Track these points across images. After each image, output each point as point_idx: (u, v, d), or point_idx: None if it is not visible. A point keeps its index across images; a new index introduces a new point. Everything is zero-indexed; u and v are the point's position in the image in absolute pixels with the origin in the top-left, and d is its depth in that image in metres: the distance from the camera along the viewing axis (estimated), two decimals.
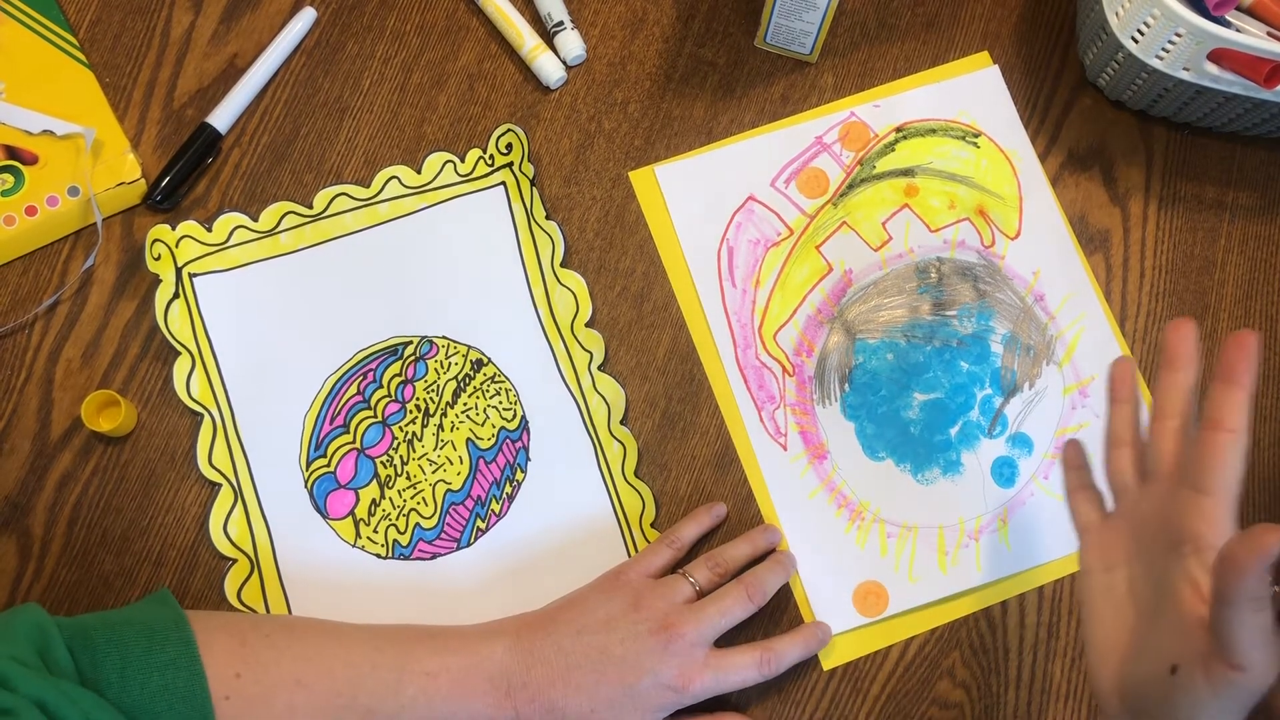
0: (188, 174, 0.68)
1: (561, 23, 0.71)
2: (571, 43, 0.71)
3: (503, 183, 0.69)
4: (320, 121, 0.70)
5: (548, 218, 0.68)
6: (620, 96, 0.71)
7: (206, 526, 0.64)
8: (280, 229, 0.68)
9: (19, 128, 0.67)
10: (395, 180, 0.69)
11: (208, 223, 0.68)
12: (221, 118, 0.69)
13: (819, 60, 0.72)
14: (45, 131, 0.67)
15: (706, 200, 0.69)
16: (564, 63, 0.71)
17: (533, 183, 0.69)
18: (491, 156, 0.69)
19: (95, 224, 0.67)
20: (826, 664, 0.63)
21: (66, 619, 0.50)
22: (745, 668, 0.58)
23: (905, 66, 0.72)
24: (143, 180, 0.68)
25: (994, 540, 0.64)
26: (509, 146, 0.69)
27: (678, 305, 0.68)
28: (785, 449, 0.66)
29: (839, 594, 0.63)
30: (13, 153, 0.67)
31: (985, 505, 0.65)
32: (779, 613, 0.63)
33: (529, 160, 0.69)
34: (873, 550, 0.64)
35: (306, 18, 0.72)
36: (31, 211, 0.66)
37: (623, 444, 0.65)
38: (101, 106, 0.69)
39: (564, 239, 0.68)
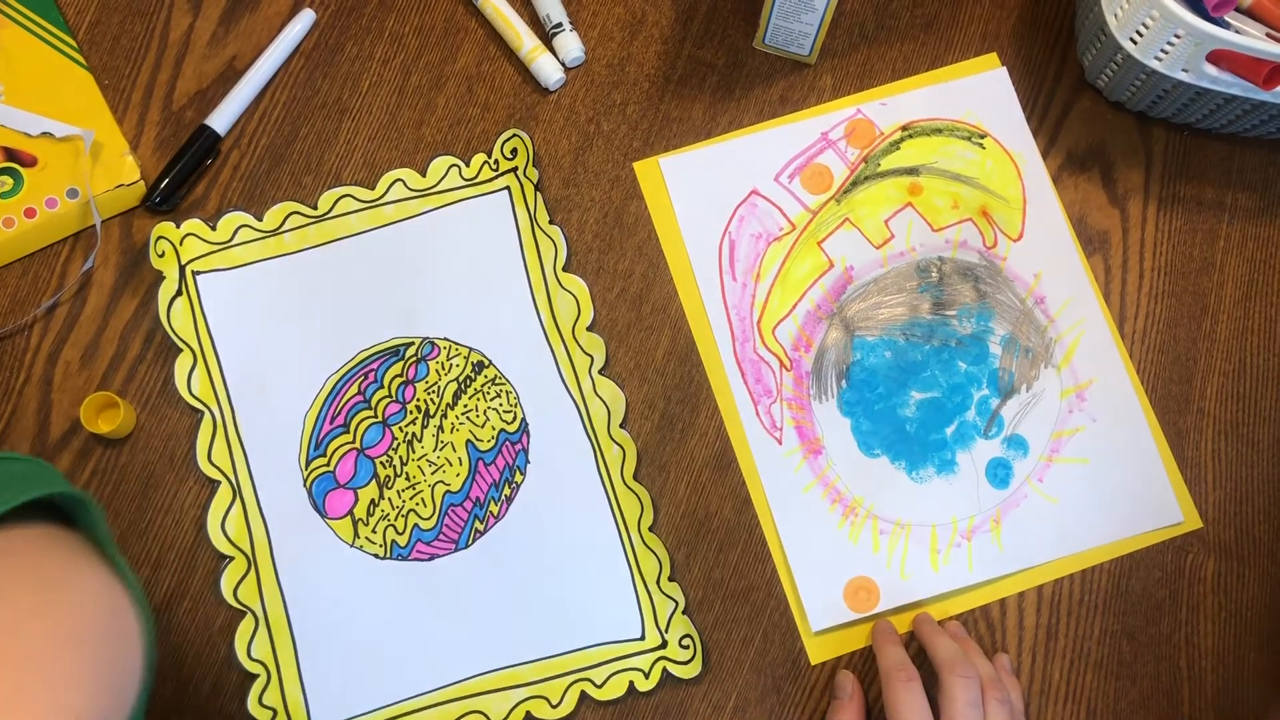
0: (187, 176, 0.68)
1: (560, 24, 0.71)
2: (570, 44, 0.71)
3: (507, 187, 0.69)
4: (319, 123, 0.70)
5: (551, 222, 0.68)
6: (619, 98, 0.71)
7: (204, 524, 0.64)
8: (284, 229, 0.68)
9: (18, 130, 0.67)
10: (400, 183, 0.69)
11: (212, 221, 0.68)
12: (220, 120, 0.69)
13: (818, 61, 0.72)
14: (44, 133, 0.67)
15: (710, 193, 0.70)
16: (563, 64, 0.71)
17: (537, 187, 0.69)
18: (496, 161, 0.69)
19: (94, 226, 0.67)
20: (814, 658, 0.63)
21: None
22: None
23: (904, 68, 0.72)
24: (142, 182, 0.68)
25: (986, 540, 0.65)
26: (514, 151, 0.69)
27: (678, 305, 0.68)
28: (780, 443, 0.66)
29: (830, 589, 0.63)
30: (12, 155, 0.67)
31: (979, 505, 0.65)
32: (768, 607, 0.63)
33: (533, 165, 0.69)
34: (865, 546, 0.64)
35: (305, 20, 0.72)
36: (30, 214, 0.67)
37: (622, 448, 0.65)
38: (100, 108, 0.69)
39: (566, 243, 0.68)
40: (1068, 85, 0.72)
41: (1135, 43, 0.63)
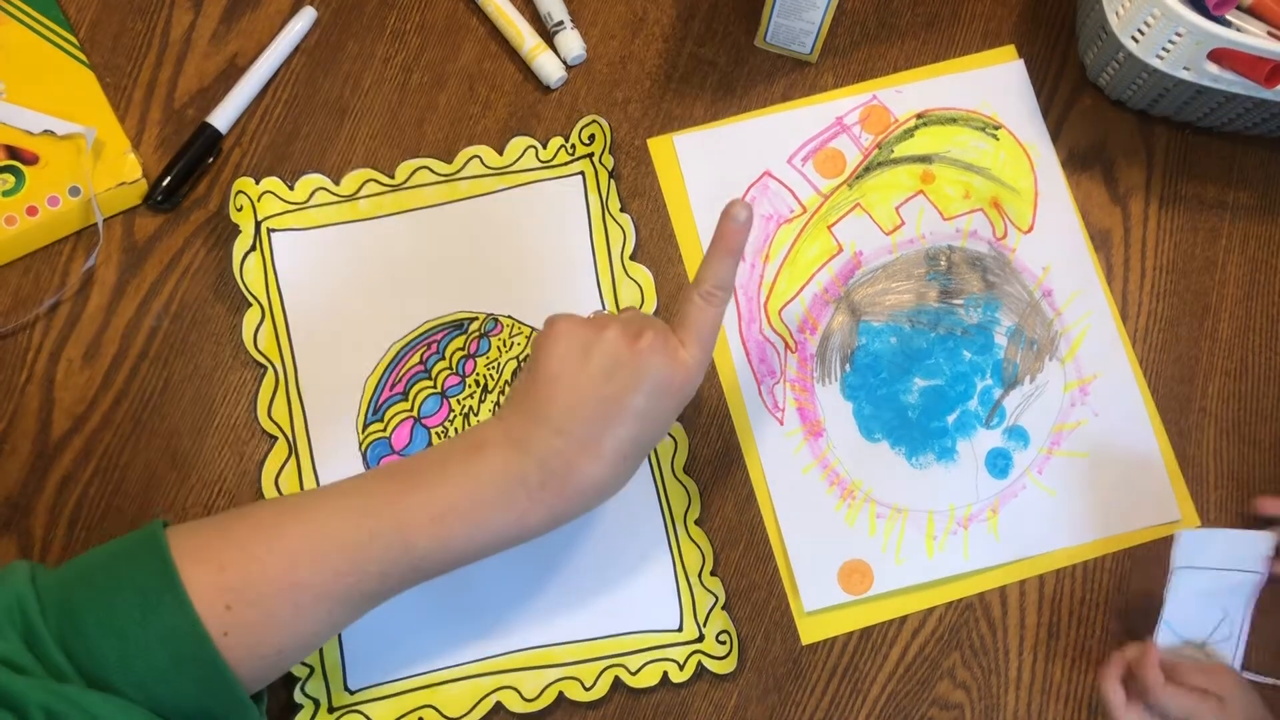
0: (188, 174, 0.68)
1: (561, 22, 0.71)
2: (571, 42, 0.71)
3: (581, 172, 0.69)
4: (320, 121, 0.70)
5: (622, 210, 0.69)
6: (620, 96, 0.71)
7: (259, 480, 0.64)
8: (360, 195, 0.69)
9: (20, 128, 0.67)
10: (477, 159, 0.69)
11: (290, 181, 0.68)
12: (222, 117, 0.69)
13: (819, 60, 0.72)
14: (46, 131, 0.67)
15: (723, 173, 0.70)
16: (564, 62, 0.71)
17: (611, 175, 0.69)
18: (573, 145, 0.70)
19: (96, 224, 0.67)
20: (806, 638, 0.63)
21: (49, 590, 0.47)
22: (704, 315, 0.54)
23: (906, 66, 0.72)
24: (143, 180, 0.68)
25: (983, 529, 0.65)
26: (591, 137, 0.70)
27: (686, 284, 0.68)
28: (782, 424, 0.66)
29: (824, 570, 0.64)
30: (13, 153, 0.67)
31: (977, 494, 0.65)
32: (769, 606, 0.63)
33: (609, 152, 0.69)
34: (861, 529, 0.64)
35: (307, 17, 0.72)
36: (32, 212, 0.67)
37: (674, 439, 0.65)
38: (102, 106, 0.69)
39: (635, 233, 0.68)
40: (1069, 84, 0.72)
41: (1137, 41, 0.63)
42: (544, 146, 0.70)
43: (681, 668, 0.62)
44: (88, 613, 0.46)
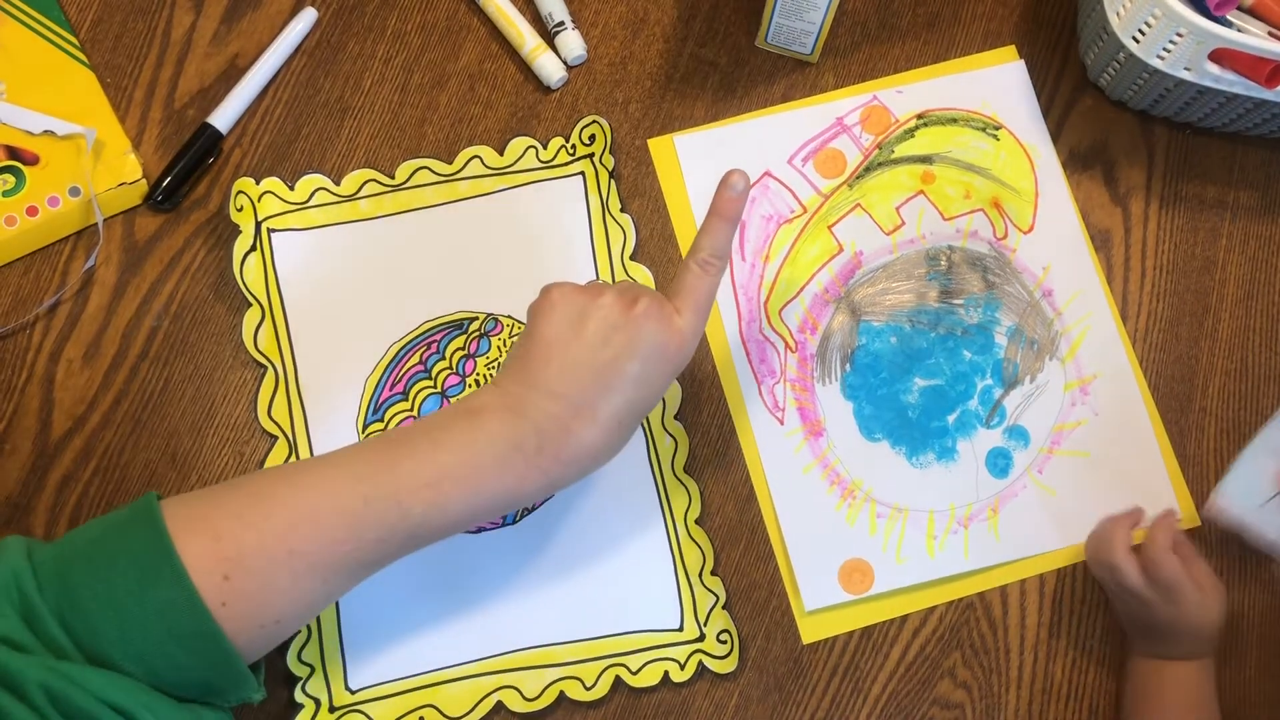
0: (189, 174, 0.68)
1: (562, 23, 0.71)
2: (572, 43, 0.71)
3: (581, 172, 0.69)
4: (321, 121, 0.70)
5: (622, 210, 0.69)
6: (621, 96, 0.71)
7: None
8: (361, 195, 0.69)
9: (20, 128, 0.67)
10: (477, 159, 0.69)
11: (290, 181, 0.68)
12: (222, 118, 0.69)
13: (820, 60, 0.72)
14: (46, 132, 0.67)
15: (723, 173, 0.70)
16: (565, 63, 0.71)
17: (611, 175, 0.69)
18: (574, 146, 0.70)
19: (96, 224, 0.67)
20: (806, 638, 0.63)
21: (45, 566, 0.46)
22: (700, 283, 0.55)
23: (906, 66, 0.72)
24: (144, 180, 0.68)
25: (983, 529, 0.65)
26: (592, 138, 0.70)
27: None
28: (782, 423, 0.66)
29: (825, 569, 0.64)
30: (14, 153, 0.67)
31: (977, 494, 0.65)
32: (770, 605, 0.63)
33: (610, 152, 0.69)
34: (862, 529, 0.64)
35: (307, 18, 0.72)
36: (33, 212, 0.67)
37: (675, 438, 0.65)
38: (103, 107, 0.69)
39: (636, 233, 0.68)
40: (1070, 84, 0.72)
41: (1137, 42, 0.63)
42: (544, 147, 0.70)
43: (682, 667, 0.62)
44: (85, 588, 0.46)
